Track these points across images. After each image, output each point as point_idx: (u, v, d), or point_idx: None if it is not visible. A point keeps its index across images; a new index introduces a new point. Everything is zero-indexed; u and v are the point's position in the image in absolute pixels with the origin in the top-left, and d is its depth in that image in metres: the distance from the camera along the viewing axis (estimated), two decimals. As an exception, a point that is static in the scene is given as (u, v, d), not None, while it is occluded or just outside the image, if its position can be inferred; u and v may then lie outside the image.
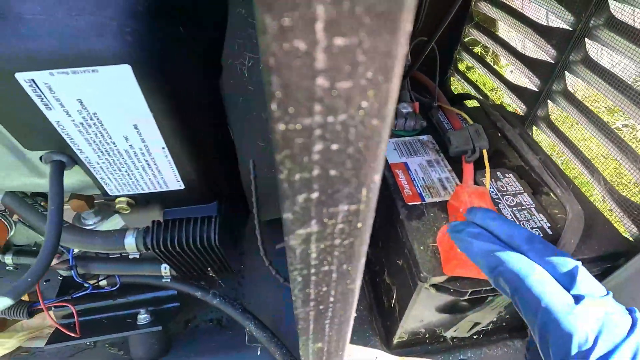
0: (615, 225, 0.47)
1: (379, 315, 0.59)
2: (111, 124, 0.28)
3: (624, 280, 0.42)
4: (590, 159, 0.54)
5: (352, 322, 0.18)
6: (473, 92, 0.84)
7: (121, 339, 0.54)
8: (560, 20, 0.57)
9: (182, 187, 0.36)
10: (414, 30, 0.47)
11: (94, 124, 0.27)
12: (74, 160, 0.31)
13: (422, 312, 0.46)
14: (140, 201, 0.37)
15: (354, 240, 0.13)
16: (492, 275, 0.31)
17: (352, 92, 0.08)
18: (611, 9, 0.49)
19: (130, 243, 0.37)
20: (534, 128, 0.66)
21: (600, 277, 0.43)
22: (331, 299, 0.15)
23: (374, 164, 0.10)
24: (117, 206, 0.36)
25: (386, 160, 0.52)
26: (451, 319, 0.47)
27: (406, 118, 0.54)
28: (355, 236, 0.12)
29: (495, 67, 0.76)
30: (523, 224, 0.42)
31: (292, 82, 0.08)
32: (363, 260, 0.14)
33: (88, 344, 0.55)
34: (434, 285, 0.40)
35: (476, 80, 0.83)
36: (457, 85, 0.93)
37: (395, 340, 0.53)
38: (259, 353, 0.54)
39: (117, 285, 0.48)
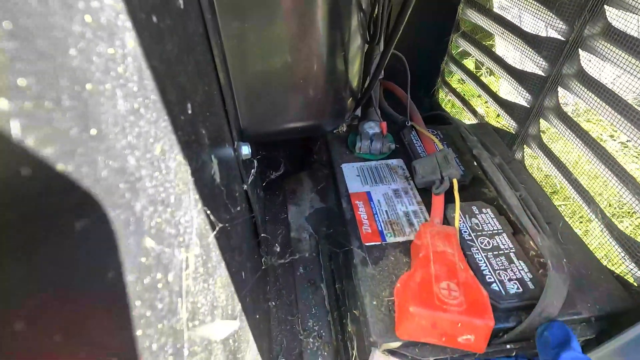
0: (616, 265, 0.40)
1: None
2: None
3: (627, 344, 0.34)
4: (587, 189, 0.47)
5: None
6: (459, 105, 0.78)
7: None
8: (551, 28, 0.50)
9: None
10: (374, 41, 0.40)
11: None
12: None
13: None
14: None
15: None
16: None
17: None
18: (608, 17, 0.42)
19: None
20: (525, 148, 0.58)
21: (596, 340, 0.35)
22: None
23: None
24: None
25: (346, 189, 0.45)
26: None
27: (371, 140, 0.47)
28: None
29: (491, 77, 0.69)
30: (499, 274, 0.34)
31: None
32: None
33: None
34: (389, 351, 0.32)
35: (464, 92, 0.77)
36: (447, 98, 0.86)
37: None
38: None
39: None
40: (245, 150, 0.37)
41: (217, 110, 0.29)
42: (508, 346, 0.32)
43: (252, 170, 0.39)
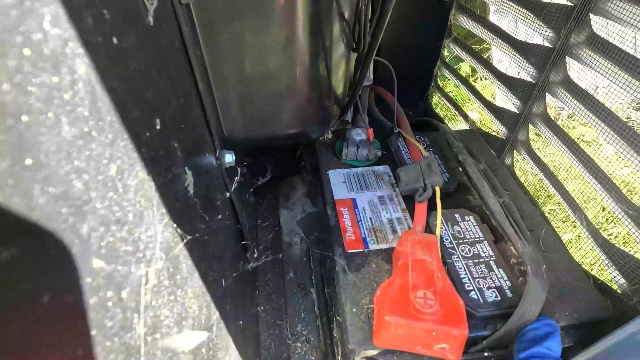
0: (600, 272, 0.40)
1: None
2: None
3: (606, 351, 0.34)
4: (573, 195, 0.47)
5: None
6: (453, 111, 0.78)
7: None
8: (539, 35, 0.50)
9: None
10: (358, 49, 0.40)
11: None
12: None
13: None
14: None
15: None
16: None
17: None
18: (592, 25, 0.43)
19: None
20: (515, 153, 0.58)
21: (577, 347, 0.35)
22: None
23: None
24: None
25: (332, 195, 0.45)
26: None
27: (358, 146, 0.47)
28: None
29: (486, 81, 0.69)
30: (478, 282, 0.34)
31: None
32: None
33: None
34: (367, 358, 0.33)
35: (457, 97, 0.77)
36: (441, 102, 0.86)
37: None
38: None
39: None
40: (229, 158, 0.37)
41: (196, 120, 0.30)
42: (486, 354, 0.32)
43: (236, 178, 0.40)
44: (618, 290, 0.39)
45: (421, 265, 0.33)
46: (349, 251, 0.39)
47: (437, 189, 0.39)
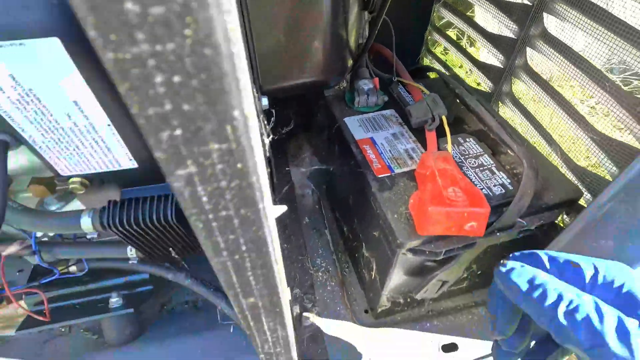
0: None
1: (363, 289, 0.60)
2: (50, 100, 0.26)
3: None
4: (550, 132, 0.56)
5: (278, 275, 0.19)
6: (444, 71, 0.85)
7: (95, 323, 0.56)
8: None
9: (136, 165, 0.34)
10: (367, 8, 0.47)
11: (32, 100, 0.26)
12: (19, 139, 0.29)
13: (400, 277, 0.47)
14: (95, 181, 0.35)
15: (240, 183, 0.13)
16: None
17: (169, 18, 0.08)
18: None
19: (86, 223, 0.35)
20: (500, 104, 0.67)
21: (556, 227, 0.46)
22: (243, 248, 0.16)
23: (227, 99, 0.10)
24: (71, 187, 0.34)
25: (353, 137, 0.52)
26: (421, 280, 0.48)
27: (368, 94, 0.54)
28: (241, 178, 0.13)
29: (472, 48, 0.76)
30: (486, 182, 0.44)
31: (99, 4, 0.08)
32: (262, 207, 0.14)
33: (62, 329, 0.57)
34: (410, 250, 0.41)
35: (447, 61, 0.83)
36: (431, 64, 0.93)
37: (379, 310, 0.54)
38: (231, 330, 0.55)
39: (85, 270, 0.48)
40: (265, 101, 0.42)
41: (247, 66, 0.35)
42: (498, 234, 0.42)
43: (272, 119, 0.45)
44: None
45: (444, 172, 0.41)
46: (379, 176, 0.46)
47: (444, 117, 0.47)
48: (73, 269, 0.50)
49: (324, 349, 0.54)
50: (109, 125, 0.30)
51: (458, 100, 0.53)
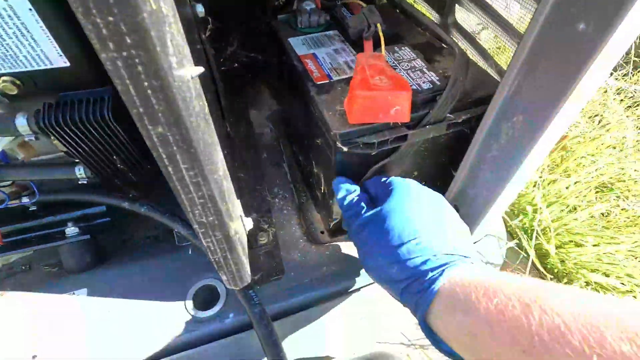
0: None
1: (318, 212, 0.62)
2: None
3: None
4: (487, 48, 0.59)
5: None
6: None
7: (55, 259, 0.57)
8: None
9: (68, 64, 0.34)
10: None
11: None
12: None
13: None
14: (27, 83, 0.35)
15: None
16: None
17: None
18: None
19: (21, 123, 0.35)
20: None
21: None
22: None
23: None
24: (1, 85, 0.34)
25: (296, 53, 0.53)
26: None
27: (310, 14, 0.56)
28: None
29: None
30: (416, 81, 0.46)
31: None
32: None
33: (23, 267, 0.58)
34: (345, 143, 0.43)
35: None
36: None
37: (332, 224, 0.57)
38: (190, 252, 0.57)
39: (37, 198, 0.48)
40: (200, 8, 0.43)
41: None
42: (427, 127, 0.44)
43: (209, 26, 0.46)
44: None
45: (374, 66, 0.43)
46: (318, 82, 0.48)
47: (379, 25, 0.49)
48: (25, 199, 0.51)
49: (280, 262, 0.57)
50: (30, 9, 0.31)
51: (397, 9, 0.55)
